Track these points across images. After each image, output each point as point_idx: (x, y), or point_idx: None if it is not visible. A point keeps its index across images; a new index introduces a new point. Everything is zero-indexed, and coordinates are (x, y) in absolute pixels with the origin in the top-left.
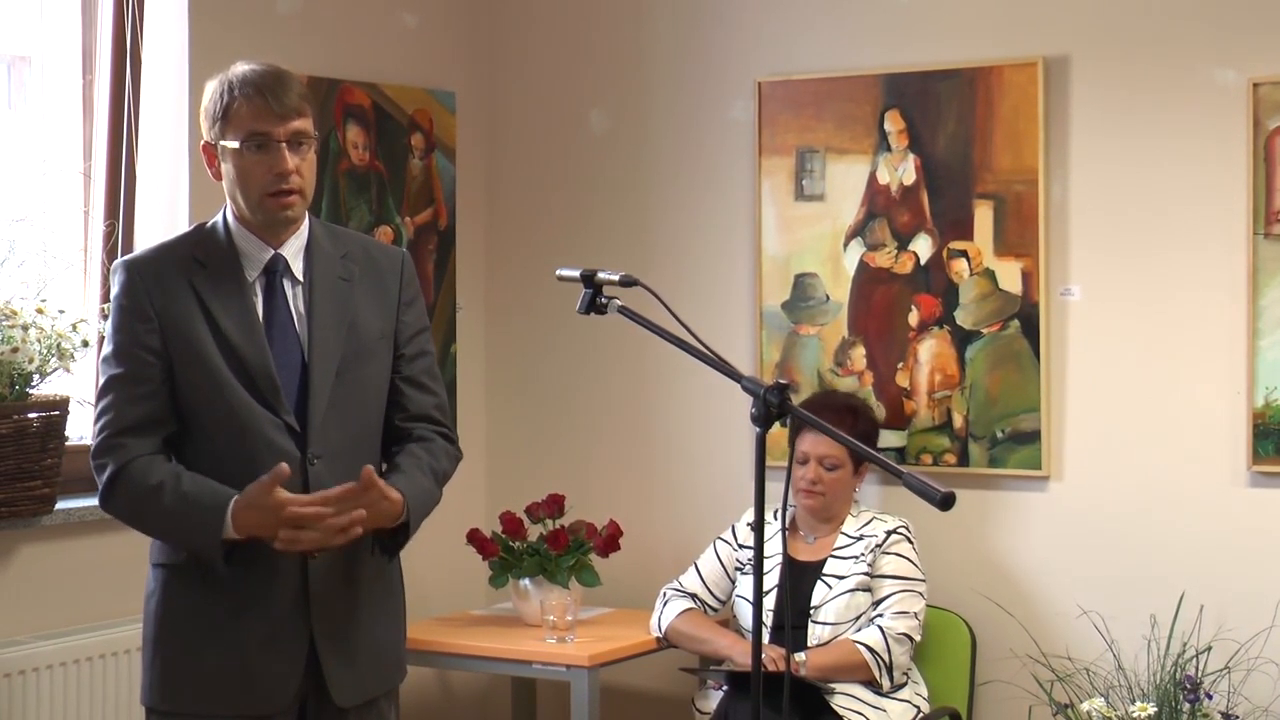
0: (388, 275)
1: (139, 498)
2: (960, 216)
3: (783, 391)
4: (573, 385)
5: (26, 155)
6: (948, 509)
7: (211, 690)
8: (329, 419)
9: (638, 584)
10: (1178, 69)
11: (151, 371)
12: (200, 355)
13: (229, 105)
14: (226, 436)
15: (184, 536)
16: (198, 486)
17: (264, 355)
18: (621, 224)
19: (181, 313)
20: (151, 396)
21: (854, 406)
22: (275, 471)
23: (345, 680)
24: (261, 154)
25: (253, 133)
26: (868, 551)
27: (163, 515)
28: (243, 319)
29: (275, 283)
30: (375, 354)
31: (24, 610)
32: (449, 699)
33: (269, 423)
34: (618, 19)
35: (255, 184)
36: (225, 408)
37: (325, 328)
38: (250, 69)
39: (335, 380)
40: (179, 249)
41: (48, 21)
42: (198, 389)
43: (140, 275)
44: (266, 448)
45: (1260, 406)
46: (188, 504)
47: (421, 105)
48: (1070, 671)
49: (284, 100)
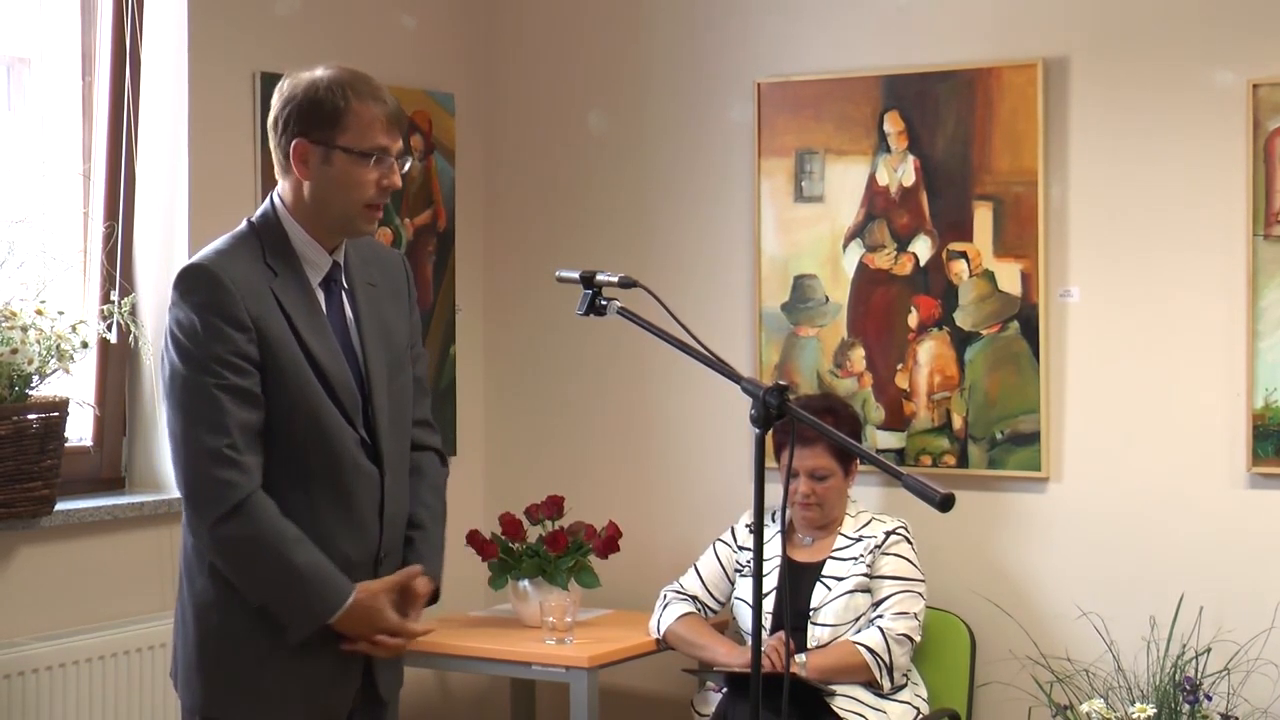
0: (398, 278)
1: (263, 540)
2: (959, 218)
3: (782, 393)
4: (572, 387)
5: (26, 156)
6: (947, 510)
7: (276, 699)
8: (390, 432)
9: (637, 585)
10: (1177, 70)
11: (254, 381)
12: (292, 367)
13: (345, 108)
14: (314, 451)
15: (288, 598)
16: (323, 562)
17: (342, 367)
18: (621, 226)
19: (273, 322)
20: (258, 407)
21: (832, 407)
22: (410, 587)
23: (388, 674)
24: (378, 167)
25: (377, 145)
26: (867, 552)
27: (280, 566)
28: (319, 329)
29: (335, 291)
30: (404, 361)
31: (23, 611)
32: (448, 700)
33: (350, 438)
34: (617, 20)
35: (361, 193)
36: (316, 422)
37: (373, 337)
38: (355, 74)
39: (387, 391)
40: (251, 252)
41: (47, 23)
42: (288, 402)
43: (232, 282)
44: (351, 464)
45: (1260, 408)
46: (313, 573)
47: (420, 107)
48: (1069, 673)
49: (399, 117)
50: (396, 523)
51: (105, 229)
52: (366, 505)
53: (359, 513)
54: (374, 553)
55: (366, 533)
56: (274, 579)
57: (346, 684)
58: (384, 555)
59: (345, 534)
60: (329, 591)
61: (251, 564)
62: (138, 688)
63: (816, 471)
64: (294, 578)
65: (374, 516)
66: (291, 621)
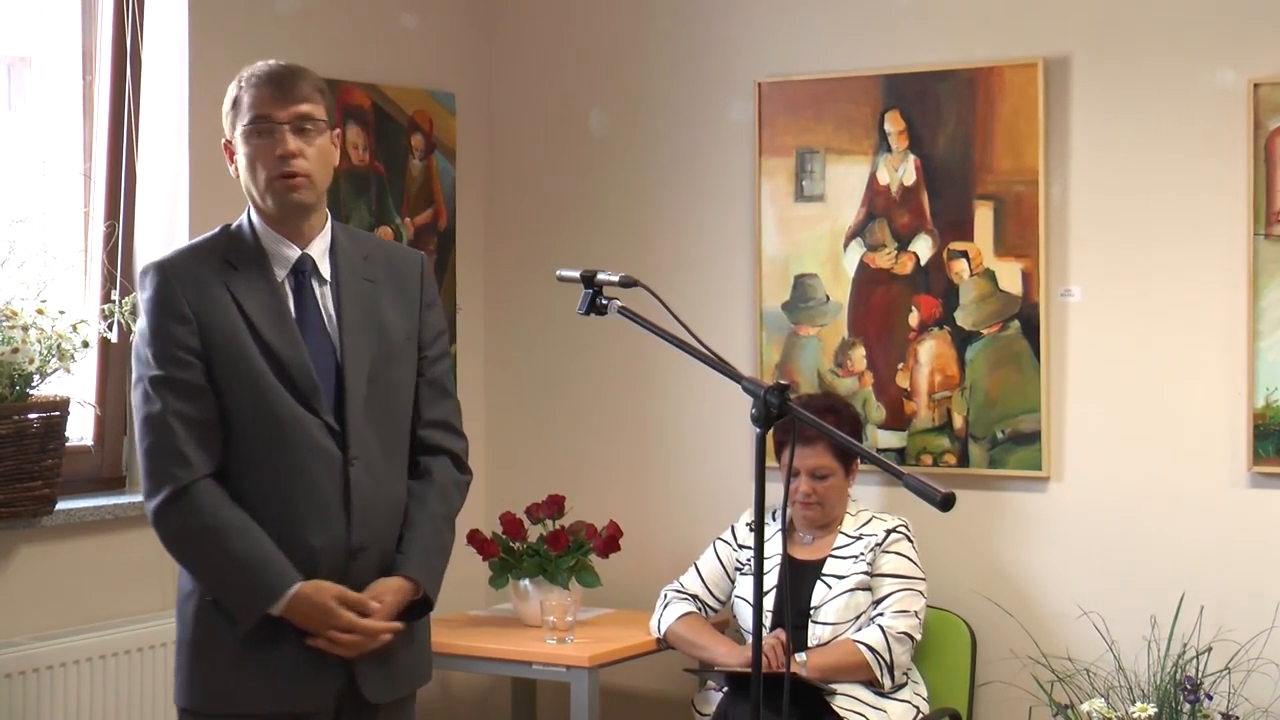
0: (408, 277)
1: (201, 530)
2: (960, 217)
3: (783, 392)
4: (572, 386)
5: (27, 156)
6: (948, 510)
7: (252, 691)
8: (365, 420)
9: (637, 585)
10: (1178, 69)
11: (196, 373)
12: (240, 356)
13: (238, 98)
14: (269, 438)
15: (228, 588)
16: (267, 551)
17: (302, 355)
18: (621, 225)
19: (219, 314)
20: (202, 398)
21: (833, 406)
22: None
23: (376, 678)
24: (265, 138)
25: (256, 116)
26: (867, 551)
27: (219, 556)
28: (277, 319)
29: (305, 283)
30: (402, 356)
31: (23, 611)
32: (449, 700)
33: (311, 423)
34: (617, 20)
35: (262, 168)
36: (268, 409)
37: (355, 329)
38: (263, 63)
39: (368, 382)
40: (208, 250)
41: (48, 22)
42: (239, 391)
43: (175, 276)
44: (310, 449)
45: (1260, 407)
46: (252, 563)
47: (421, 106)
48: (1070, 672)
49: (287, 87)
50: (373, 514)
51: (106, 228)
52: (329, 491)
53: (321, 498)
54: (343, 541)
55: (330, 519)
56: (214, 568)
57: (320, 682)
58: (359, 546)
59: (310, 521)
60: (269, 581)
61: (192, 553)
62: (138, 688)
63: (817, 471)
64: (233, 567)
65: (338, 503)
66: (236, 611)
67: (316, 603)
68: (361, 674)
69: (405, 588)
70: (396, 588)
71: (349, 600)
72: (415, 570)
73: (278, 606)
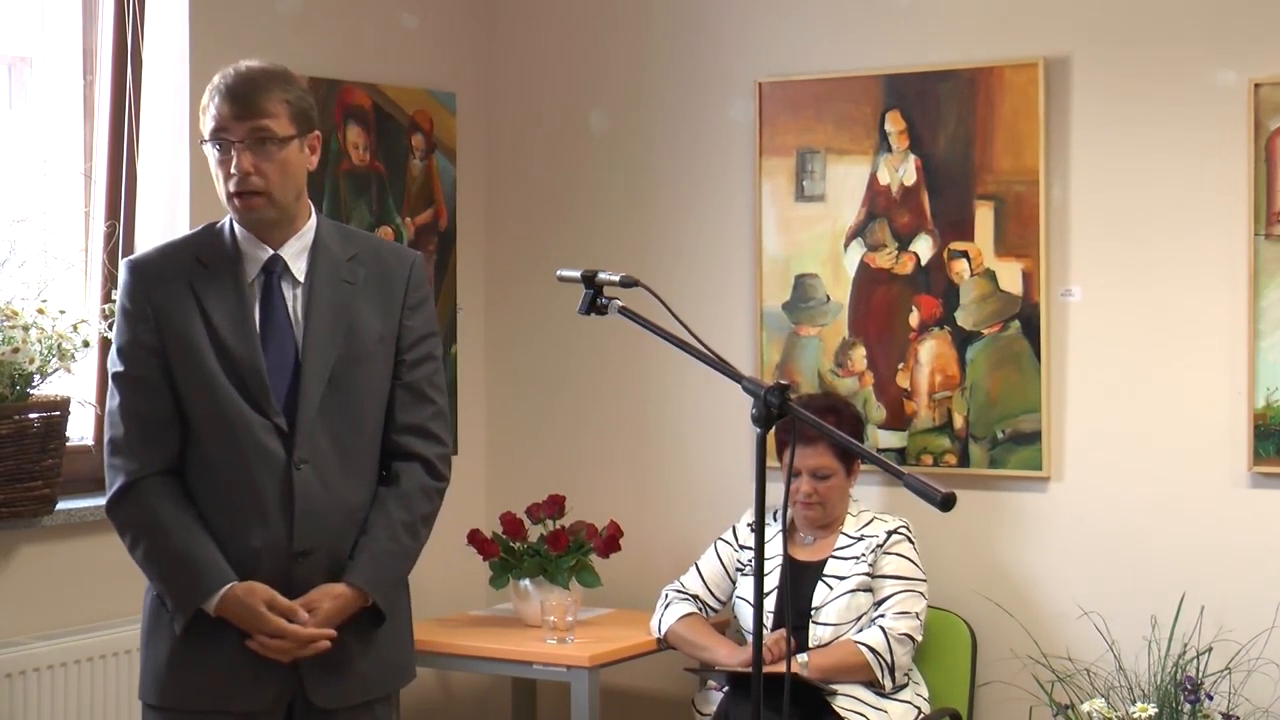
0: (394, 278)
1: (144, 525)
2: (961, 217)
3: (783, 392)
4: (573, 386)
5: (27, 156)
6: (948, 510)
7: (193, 688)
8: (319, 423)
9: (638, 585)
10: (1178, 69)
11: (152, 370)
12: (193, 354)
13: (205, 105)
14: (216, 437)
15: (165, 583)
16: (203, 550)
17: (255, 355)
18: (622, 225)
19: (178, 312)
20: (156, 395)
21: (834, 406)
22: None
23: (325, 683)
24: (224, 153)
25: (213, 132)
26: (868, 552)
27: (158, 552)
28: (237, 319)
29: (273, 283)
30: (372, 358)
31: (24, 611)
32: (449, 699)
33: (258, 424)
34: (618, 19)
35: (221, 185)
36: (215, 408)
37: (320, 330)
38: (234, 68)
39: (328, 385)
40: (183, 249)
41: (48, 22)
42: (192, 389)
43: (141, 275)
44: (254, 449)
45: (1261, 407)
46: (187, 560)
47: (422, 106)
48: (1071, 672)
49: (243, 100)
50: (322, 517)
51: (106, 228)
52: (269, 492)
53: (260, 499)
54: (283, 544)
55: (269, 521)
56: (155, 563)
57: (263, 685)
58: (303, 550)
59: (251, 521)
60: (201, 580)
61: (135, 548)
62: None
63: (818, 471)
64: (171, 563)
65: (277, 505)
66: (172, 606)
67: (246, 604)
68: (309, 679)
69: (347, 594)
70: (336, 594)
71: (278, 605)
72: (361, 578)
73: (210, 605)
